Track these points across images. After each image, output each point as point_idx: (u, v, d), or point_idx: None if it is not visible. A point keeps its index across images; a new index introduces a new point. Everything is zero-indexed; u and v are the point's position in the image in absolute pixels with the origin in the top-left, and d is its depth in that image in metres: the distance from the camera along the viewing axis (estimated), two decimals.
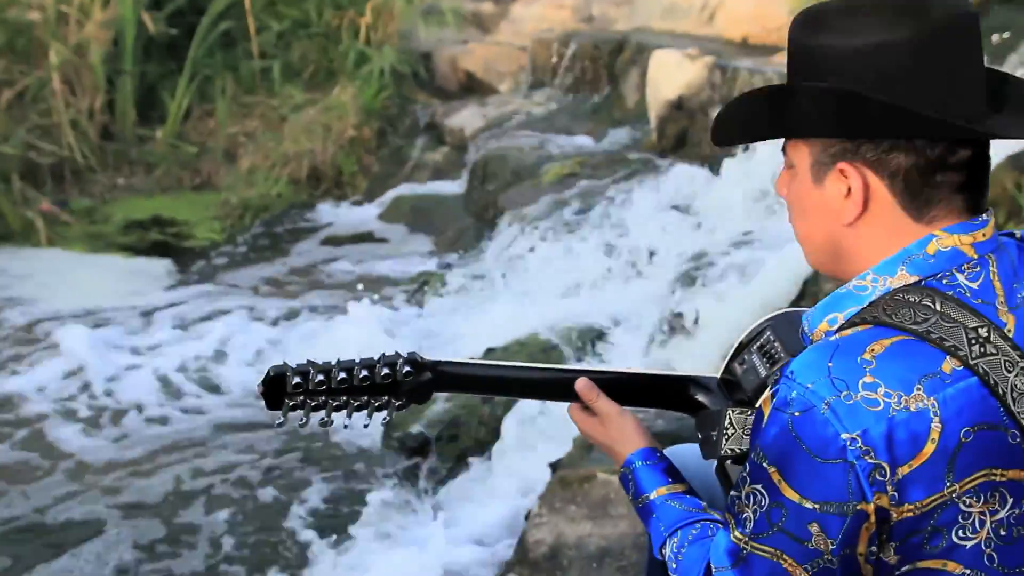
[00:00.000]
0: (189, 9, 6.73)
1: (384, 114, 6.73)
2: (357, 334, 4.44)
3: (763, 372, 1.49)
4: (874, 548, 1.09)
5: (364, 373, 1.42)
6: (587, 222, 4.87)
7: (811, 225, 1.21)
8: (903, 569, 1.09)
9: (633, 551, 2.75)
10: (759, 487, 1.13)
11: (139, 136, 6.60)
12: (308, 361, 1.43)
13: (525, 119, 6.59)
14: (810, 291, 3.47)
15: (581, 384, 1.48)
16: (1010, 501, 1.07)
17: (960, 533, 1.07)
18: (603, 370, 1.53)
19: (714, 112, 5.20)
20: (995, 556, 1.07)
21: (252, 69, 6.82)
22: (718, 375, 1.58)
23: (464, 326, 4.49)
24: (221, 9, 6.67)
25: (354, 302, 4.60)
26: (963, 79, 1.11)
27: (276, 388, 1.41)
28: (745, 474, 1.16)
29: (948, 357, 1.06)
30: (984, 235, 1.14)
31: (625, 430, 1.44)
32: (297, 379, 1.40)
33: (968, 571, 1.08)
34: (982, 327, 1.08)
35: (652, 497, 1.37)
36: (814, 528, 1.09)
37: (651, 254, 4.60)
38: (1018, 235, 1.20)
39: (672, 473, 1.40)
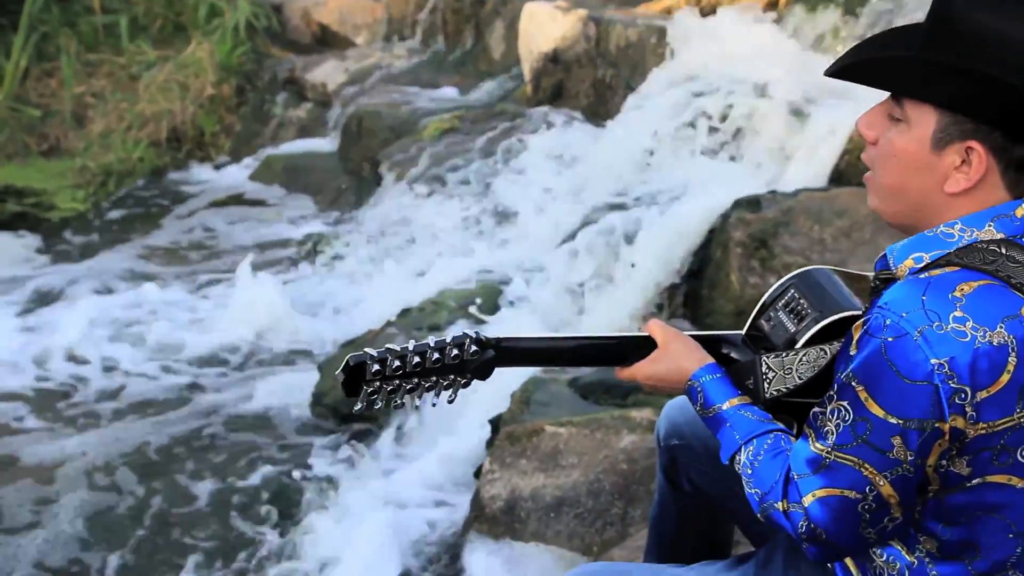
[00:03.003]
0: None
1: (241, 70, 6.51)
2: (253, 302, 4.34)
3: (791, 328, 1.60)
4: (944, 462, 1.24)
5: (436, 356, 1.46)
6: (474, 177, 4.91)
7: (907, 181, 1.28)
8: (974, 481, 1.24)
9: (588, 498, 2.87)
10: (845, 404, 1.26)
11: None
12: (386, 348, 1.45)
13: (388, 73, 6.52)
14: (718, 239, 3.65)
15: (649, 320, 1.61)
16: None
17: (1023, 453, 1.23)
18: (644, 335, 1.61)
19: (592, 64, 5.35)
20: None
21: (94, 25, 6.45)
22: (743, 332, 1.69)
23: (365, 287, 4.47)
24: None
25: (245, 268, 4.49)
26: None
27: (355, 376, 1.43)
28: (832, 392, 1.29)
29: None
30: None
31: (688, 346, 1.54)
32: (376, 367, 1.43)
33: None
34: None
35: (724, 407, 1.45)
36: (896, 441, 1.22)
37: (543, 207, 4.68)
38: None
39: (739, 385, 1.50)
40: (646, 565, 1.77)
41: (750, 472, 1.38)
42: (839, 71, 1.31)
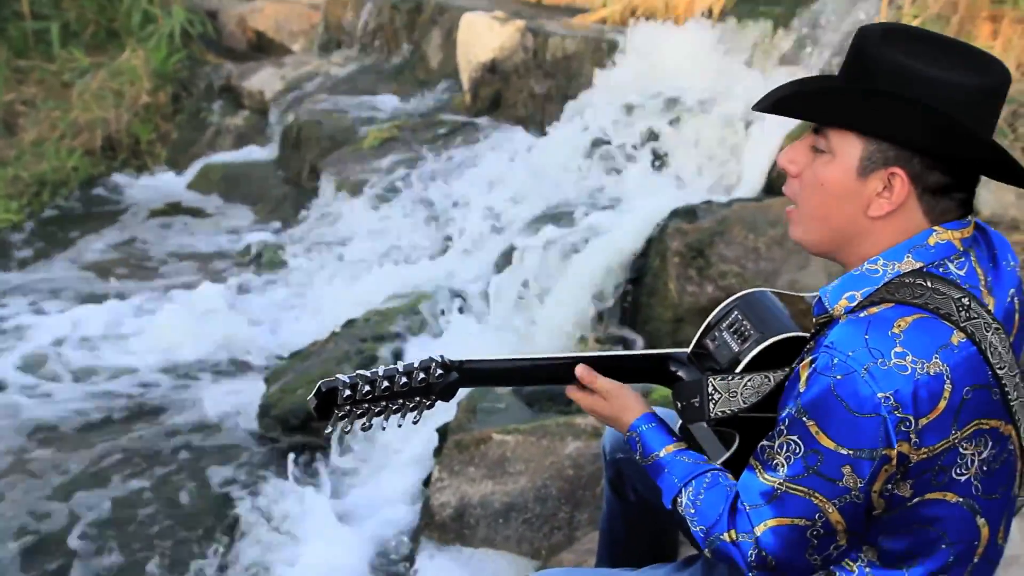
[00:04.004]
0: None
1: (177, 77, 6.47)
2: (196, 314, 4.34)
3: (735, 348, 1.69)
4: (889, 486, 1.34)
5: (404, 380, 1.52)
6: (415, 187, 4.95)
7: (833, 209, 1.38)
8: (914, 500, 1.33)
9: (536, 504, 2.94)
10: (795, 438, 1.35)
11: None
12: (357, 373, 1.50)
13: (326, 81, 6.53)
14: (656, 248, 3.76)
15: (581, 369, 1.64)
16: (991, 444, 1.36)
17: (956, 471, 1.33)
18: (598, 354, 1.69)
19: (529, 75, 5.42)
20: (979, 486, 1.34)
21: (24, 31, 6.35)
22: (688, 350, 1.78)
23: (308, 297, 4.49)
24: None
25: (188, 280, 4.48)
26: (994, 124, 1.37)
27: (327, 401, 1.48)
28: (781, 427, 1.37)
29: (955, 331, 1.32)
30: (968, 232, 1.40)
31: (626, 400, 1.61)
32: (348, 392, 1.48)
33: (961, 499, 1.34)
34: (964, 297, 1.33)
35: (662, 455, 1.53)
36: (846, 470, 1.31)
37: (483, 217, 4.74)
38: (975, 223, 1.46)
39: (673, 432, 1.58)
40: (599, 570, 1.85)
41: (693, 511, 1.46)
42: (769, 107, 1.39)
